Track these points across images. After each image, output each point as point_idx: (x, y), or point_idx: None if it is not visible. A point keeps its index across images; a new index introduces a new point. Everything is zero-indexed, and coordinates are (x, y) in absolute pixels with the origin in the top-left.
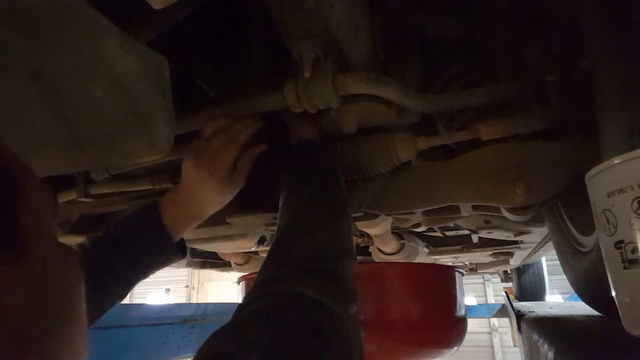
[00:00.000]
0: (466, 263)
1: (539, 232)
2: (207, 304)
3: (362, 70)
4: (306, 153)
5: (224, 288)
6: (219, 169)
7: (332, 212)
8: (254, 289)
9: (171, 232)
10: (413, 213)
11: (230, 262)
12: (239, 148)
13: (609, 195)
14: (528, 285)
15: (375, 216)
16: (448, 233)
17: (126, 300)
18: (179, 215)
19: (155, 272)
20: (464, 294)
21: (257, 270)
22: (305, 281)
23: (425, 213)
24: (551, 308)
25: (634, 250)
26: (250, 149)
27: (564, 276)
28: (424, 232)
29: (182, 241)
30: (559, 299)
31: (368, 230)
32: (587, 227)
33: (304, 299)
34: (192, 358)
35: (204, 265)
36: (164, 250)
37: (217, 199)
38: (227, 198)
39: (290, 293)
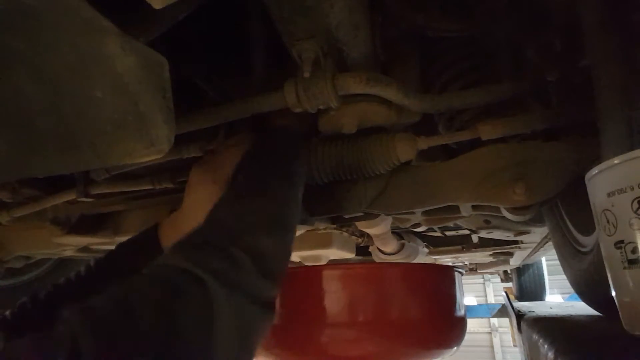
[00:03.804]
0: (466, 263)
1: (539, 232)
2: None
3: (362, 70)
4: (267, 137)
5: None
6: (223, 178)
7: (252, 190)
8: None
9: None
10: (413, 213)
11: None
12: (238, 155)
13: (609, 195)
14: (528, 285)
15: (375, 216)
16: (448, 233)
17: None
18: (178, 237)
19: None
20: (463, 294)
21: None
22: (185, 255)
23: (425, 213)
24: (551, 308)
25: (634, 250)
26: None
27: (564, 276)
28: (424, 232)
29: None
30: (559, 299)
31: (368, 230)
32: (587, 227)
33: (169, 267)
34: None
35: None
36: None
37: None
38: None
39: (162, 265)
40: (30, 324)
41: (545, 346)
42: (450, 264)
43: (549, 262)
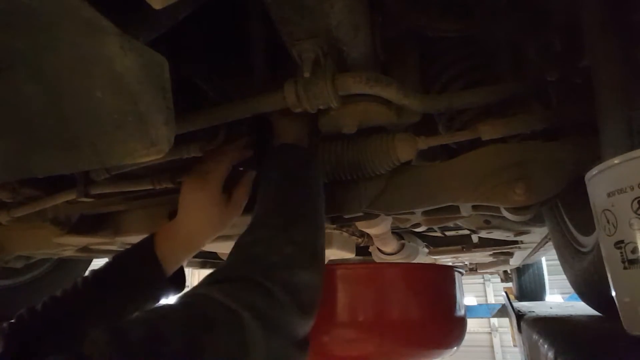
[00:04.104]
0: (466, 263)
1: (539, 232)
2: None
3: (362, 71)
4: (281, 158)
5: None
6: (211, 186)
7: (288, 221)
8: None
9: (163, 263)
10: (413, 213)
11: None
12: (227, 166)
13: (609, 195)
14: (528, 285)
15: (375, 216)
16: (448, 233)
17: None
18: (172, 245)
19: (152, 305)
20: (463, 294)
21: None
22: (220, 288)
23: (425, 213)
24: (551, 308)
25: (634, 250)
26: (244, 178)
27: (564, 276)
28: (424, 232)
29: (179, 275)
30: (559, 299)
31: (368, 230)
32: (587, 227)
33: (204, 298)
34: None
35: (203, 265)
36: (155, 281)
37: (209, 223)
38: (221, 224)
39: (197, 295)
40: (28, 336)
41: (545, 346)
42: (450, 264)
43: (549, 262)
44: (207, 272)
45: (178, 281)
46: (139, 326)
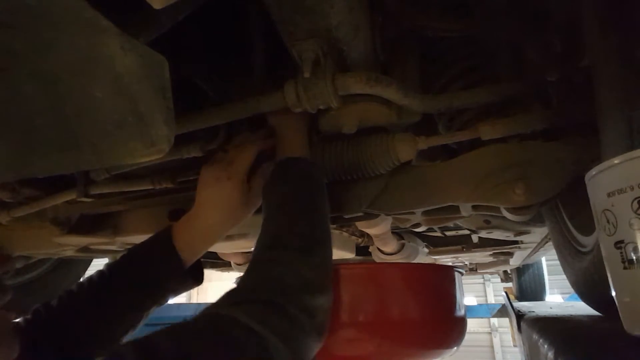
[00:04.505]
0: (466, 263)
1: (539, 232)
2: (207, 304)
3: (362, 70)
4: (290, 174)
5: (224, 288)
6: (237, 174)
7: (305, 244)
8: (202, 310)
9: (182, 255)
10: (413, 213)
11: (230, 262)
12: (254, 155)
13: (609, 195)
14: (528, 285)
15: (375, 216)
16: (448, 233)
17: None
18: (191, 237)
19: (170, 298)
20: (463, 294)
21: None
22: (243, 309)
23: (425, 213)
24: (551, 308)
25: (634, 250)
26: (261, 168)
27: (564, 276)
28: (424, 232)
29: (197, 268)
30: (559, 299)
31: (368, 230)
32: (587, 227)
33: (229, 320)
34: None
35: (204, 265)
36: (173, 273)
37: (231, 213)
38: (243, 214)
39: (222, 315)
40: (45, 332)
41: (545, 346)
42: (450, 264)
43: (549, 262)
44: (207, 272)
45: (196, 274)
46: (168, 344)
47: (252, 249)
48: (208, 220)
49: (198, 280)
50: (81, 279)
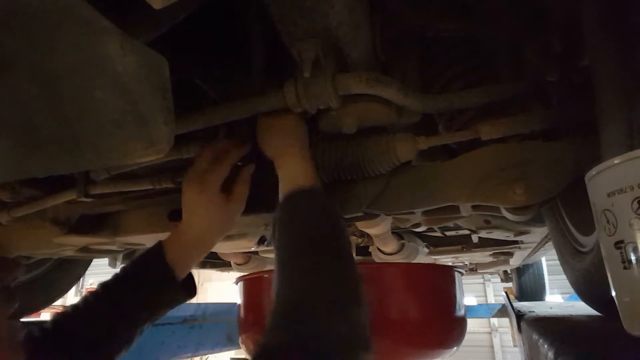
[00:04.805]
0: (466, 263)
1: (539, 232)
2: (207, 304)
3: (362, 70)
4: (303, 212)
5: (224, 288)
6: (209, 187)
7: (345, 296)
8: None
9: (174, 267)
10: (413, 213)
11: (230, 262)
12: (226, 166)
13: (609, 195)
14: (528, 285)
15: (375, 216)
16: (448, 233)
17: None
18: (182, 249)
19: (164, 313)
20: (463, 294)
21: (257, 270)
22: None
23: (425, 213)
24: (551, 308)
25: (634, 250)
26: (242, 172)
27: (564, 276)
28: (424, 232)
29: (189, 281)
30: (559, 299)
31: (368, 230)
32: (587, 227)
33: None
34: None
35: (204, 265)
36: (167, 288)
37: (214, 223)
38: (227, 222)
39: None
40: (39, 354)
41: (545, 346)
42: (450, 264)
43: (549, 262)
44: (207, 272)
45: (189, 287)
46: None
47: (252, 248)
48: (195, 231)
49: (191, 293)
50: (76, 301)
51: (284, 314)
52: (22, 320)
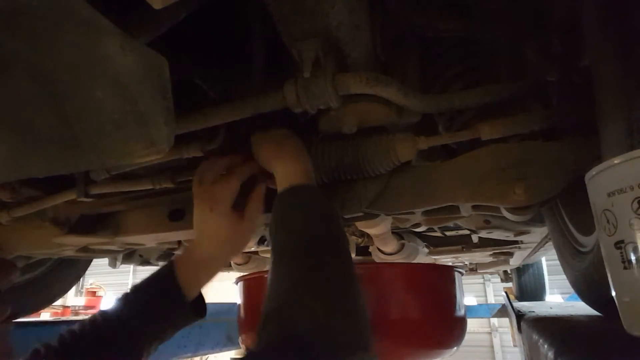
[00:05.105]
0: (466, 263)
1: (539, 232)
2: (206, 304)
3: (362, 70)
4: (296, 208)
5: (224, 288)
6: (220, 205)
7: (344, 293)
8: None
9: (185, 288)
10: (413, 213)
11: (230, 262)
12: (236, 182)
13: (609, 195)
14: (528, 285)
15: (375, 216)
16: (448, 233)
17: None
18: (193, 270)
19: (173, 334)
20: (463, 294)
21: (257, 270)
22: None
23: (425, 213)
24: (551, 308)
25: (634, 250)
26: (255, 192)
27: (564, 276)
28: (424, 232)
29: (199, 302)
30: (559, 299)
31: (368, 230)
32: (587, 227)
33: None
34: None
35: None
36: (177, 309)
37: (226, 242)
38: (239, 241)
39: None
40: None
41: (545, 346)
42: (450, 264)
43: (549, 262)
44: None
45: (199, 308)
46: None
47: (252, 248)
48: (206, 252)
49: (201, 313)
50: (85, 319)
51: (278, 310)
52: (20, 320)
